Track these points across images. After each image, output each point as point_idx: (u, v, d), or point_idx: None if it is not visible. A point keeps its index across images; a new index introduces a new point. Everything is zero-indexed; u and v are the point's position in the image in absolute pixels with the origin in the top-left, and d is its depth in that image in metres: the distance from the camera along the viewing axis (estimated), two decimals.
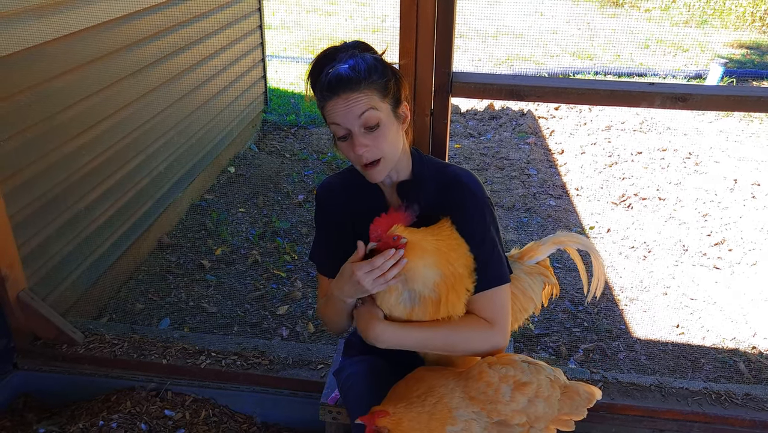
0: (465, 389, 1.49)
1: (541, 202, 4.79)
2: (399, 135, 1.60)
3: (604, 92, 1.98)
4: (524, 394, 1.50)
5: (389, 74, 1.55)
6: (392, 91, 1.55)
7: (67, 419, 2.41)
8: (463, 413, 1.46)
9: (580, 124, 6.30)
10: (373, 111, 1.50)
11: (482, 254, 1.60)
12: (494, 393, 1.48)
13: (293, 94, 7.22)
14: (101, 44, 3.26)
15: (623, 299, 3.65)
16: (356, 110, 1.49)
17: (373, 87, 1.50)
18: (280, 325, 3.37)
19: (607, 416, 2.25)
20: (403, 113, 1.60)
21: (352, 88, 1.49)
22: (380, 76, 1.52)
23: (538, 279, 1.93)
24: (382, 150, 1.54)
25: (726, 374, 3.07)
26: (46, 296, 2.87)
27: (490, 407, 1.48)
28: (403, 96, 1.59)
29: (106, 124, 3.35)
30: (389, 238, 1.47)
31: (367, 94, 1.50)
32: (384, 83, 1.52)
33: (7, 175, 2.65)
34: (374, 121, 1.51)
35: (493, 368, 1.51)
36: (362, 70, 1.49)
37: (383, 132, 1.52)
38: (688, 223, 4.48)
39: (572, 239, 1.96)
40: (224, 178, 5.01)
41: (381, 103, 1.52)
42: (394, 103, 1.56)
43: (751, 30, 10.04)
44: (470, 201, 1.61)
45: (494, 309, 1.61)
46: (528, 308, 1.89)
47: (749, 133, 6.06)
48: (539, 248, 1.95)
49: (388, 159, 1.57)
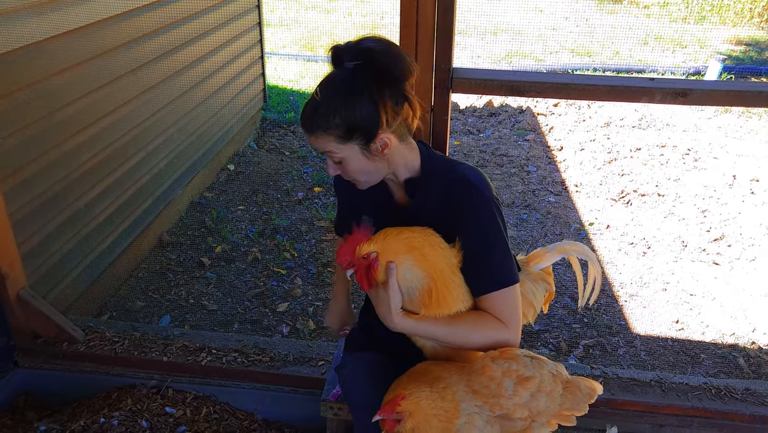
0: (468, 382, 1.50)
1: (540, 199, 4.79)
2: (373, 164, 1.59)
3: (605, 87, 1.98)
4: (527, 388, 1.50)
5: (360, 115, 1.49)
6: (359, 132, 1.51)
7: (68, 416, 2.41)
8: (467, 406, 1.46)
9: (579, 120, 6.30)
10: (333, 154, 1.56)
11: (496, 254, 1.60)
12: (497, 387, 1.48)
13: (292, 91, 7.21)
14: (100, 41, 3.26)
15: (623, 295, 3.65)
16: (318, 147, 1.57)
17: (328, 134, 1.52)
18: (280, 322, 3.37)
19: (607, 411, 2.25)
20: (382, 144, 1.55)
21: (309, 131, 1.55)
22: (343, 120, 1.49)
23: (541, 285, 1.93)
24: (351, 175, 1.61)
25: (726, 370, 3.07)
26: (46, 294, 2.87)
27: (492, 401, 1.48)
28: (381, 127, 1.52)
29: (105, 122, 3.35)
30: (359, 259, 1.52)
31: (324, 140, 1.54)
32: (344, 130, 1.50)
33: (6, 173, 2.65)
34: (336, 159, 1.57)
35: (496, 363, 1.52)
36: (321, 117, 1.50)
37: (348, 164, 1.58)
38: (688, 219, 4.48)
39: (576, 248, 1.98)
40: (224, 176, 5.00)
41: (341, 146, 1.54)
42: (364, 142, 1.53)
43: (749, 26, 10.04)
44: (479, 201, 1.60)
45: (508, 309, 1.62)
46: (528, 313, 1.89)
47: (748, 129, 6.07)
48: (545, 255, 1.95)
49: (363, 182, 1.64)
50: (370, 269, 1.52)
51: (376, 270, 1.51)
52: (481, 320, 1.60)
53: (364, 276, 1.53)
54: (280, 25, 10.10)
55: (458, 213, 1.61)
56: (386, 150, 1.57)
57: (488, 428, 1.47)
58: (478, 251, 1.59)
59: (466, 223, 1.59)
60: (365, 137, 1.53)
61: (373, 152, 1.56)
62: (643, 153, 5.54)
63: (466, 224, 1.59)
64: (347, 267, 1.53)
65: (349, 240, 1.52)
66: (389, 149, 1.57)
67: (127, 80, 3.54)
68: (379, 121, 1.53)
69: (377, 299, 1.57)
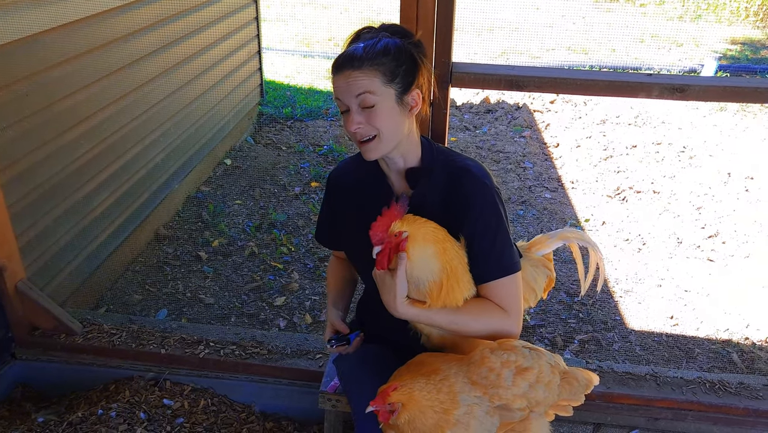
0: (468, 373, 1.51)
1: (536, 195, 4.81)
2: (402, 119, 1.61)
3: (603, 83, 1.99)
4: (525, 379, 1.52)
5: (403, 60, 1.56)
6: (401, 77, 1.56)
7: (65, 408, 2.41)
8: (467, 397, 1.47)
9: (576, 117, 6.32)
10: (369, 95, 1.53)
11: (498, 242, 1.62)
12: (496, 378, 1.50)
13: (289, 86, 7.20)
14: (98, 34, 3.25)
15: (618, 291, 3.68)
16: (354, 90, 1.54)
17: (376, 69, 1.53)
18: (277, 316, 3.38)
19: (602, 404, 2.27)
20: (413, 101, 1.61)
21: (354, 66, 1.53)
22: (391, 61, 1.54)
23: (542, 271, 1.95)
24: (377, 127, 1.57)
25: (719, 365, 3.10)
26: (44, 286, 2.86)
27: (492, 392, 1.50)
28: (416, 84, 1.60)
29: (103, 115, 3.35)
30: (391, 237, 1.51)
31: (368, 76, 1.53)
32: (392, 68, 1.54)
33: (5, 165, 2.65)
34: (370, 103, 1.55)
35: (494, 354, 1.53)
36: (371, 51, 1.52)
37: (378, 112, 1.55)
38: (683, 216, 4.51)
39: (577, 235, 2.02)
40: (221, 170, 5.00)
41: (383, 87, 1.54)
42: (401, 90, 1.57)
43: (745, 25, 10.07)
44: (481, 190, 1.62)
45: (509, 297, 1.64)
46: (529, 298, 1.91)
47: (743, 127, 6.09)
48: (547, 241, 1.98)
49: (384, 138, 1.59)
50: (397, 249, 1.52)
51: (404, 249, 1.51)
52: (483, 308, 1.62)
53: (387, 255, 1.52)
54: (276, 20, 10.08)
55: (460, 203, 1.62)
56: (415, 109, 1.62)
57: (487, 418, 1.48)
58: (480, 239, 1.61)
59: (469, 212, 1.61)
60: (404, 85, 1.57)
61: (405, 105, 1.59)
62: (639, 150, 5.56)
63: (468, 213, 1.61)
64: (378, 243, 1.51)
65: (386, 214, 1.51)
66: (417, 109, 1.62)
67: (124, 74, 3.53)
68: (417, 77, 1.59)
69: (384, 285, 1.58)
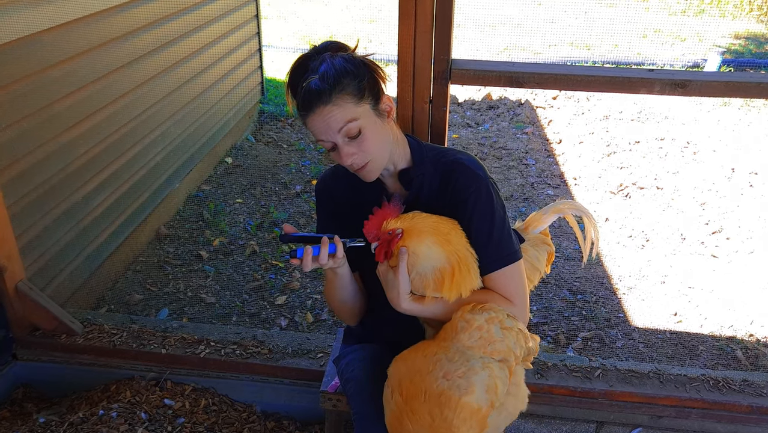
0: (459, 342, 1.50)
1: (539, 192, 4.78)
2: (385, 130, 1.59)
3: (604, 79, 1.97)
4: (510, 335, 1.54)
5: (363, 72, 1.52)
6: (369, 89, 1.53)
7: (66, 408, 2.41)
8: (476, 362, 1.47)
9: (578, 113, 6.29)
10: (351, 124, 1.50)
11: (496, 233, 1.61)
12: (488, 334, 1.51)
13: None
14: (97, 33, 3.24)
15: (621, 288, 3.66)
16: (334, 125, 1.50)
17: (344, 93, 1.49)
18: (278, 315, 3.37)
19: (605, 402, 2.25)
20: (387, 106, 1.59)
21: (324, 101, 1.48)
22: (353, 78, 1.50)
23: (543, 249, 1.97)
24: (370, 153, 1.55)
25: (723, 362, 3.08)
26: (44, 287, 2.86)
27: (490, 349, 1.50)
28: (382, 90, 1.58)
29: (102, 114, 3.34)
30: (384, 234, 1.53)
31: (341, 105, 1.49)
32: (357, 85, 1.50)
33: (4, 165, 2.64)
34: (355, 132, 1.52)
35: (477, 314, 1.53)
36: (331, 78, 1.47)
37: (367, 137, 1.53)
38: (686, 212, 4.48)
39: (570, 205, 2.03)
40: (221, 169, 4.99)
41: (357, 108, 1.51)
42: (374, 102, 1.55)
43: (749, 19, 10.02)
44: (475, 182, 1.61)
45: (513, 286, 1.63)
46: (534, 278, 1.92)
47: (747, 122, 6.06)
48: (542, 217, 2.00)
49: (378, 159, 1.59)
50: (391, 244, 1.54)
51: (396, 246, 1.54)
52: (488, 300, 1.61)
53: (382, 250, 1.55)
54: (277, 18, 10.06)
55: (455, 197, 1.62)
56: (392, 113, 1.61)
57: (503, 373, 1.49)
58: (478, 231, 1.60)
59: (464, 205, 1.61)
60: (373, 96, 1.55)
61: (382, 114, 1.58)
62: (642, 146, 5.53)
63: (464, 206, 1.61)
64: (372, 240, 1.54)
65: (378, 213, 1.54)
66: (393, 112, 1.61)
67: (124, 73, 3.52)
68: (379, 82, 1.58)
69: (387, 283, 1.59)
